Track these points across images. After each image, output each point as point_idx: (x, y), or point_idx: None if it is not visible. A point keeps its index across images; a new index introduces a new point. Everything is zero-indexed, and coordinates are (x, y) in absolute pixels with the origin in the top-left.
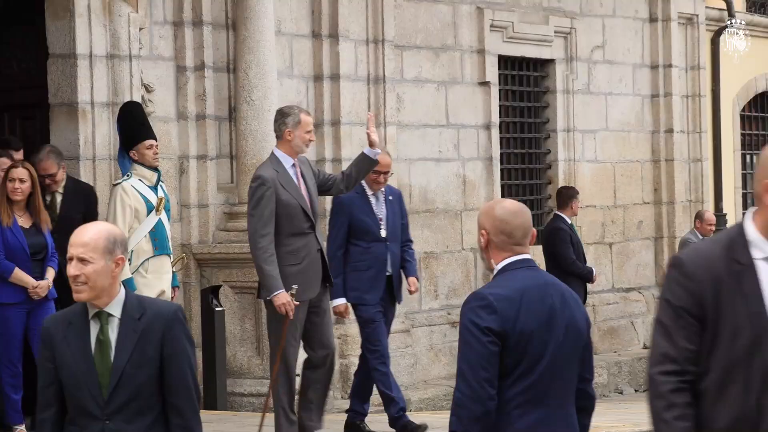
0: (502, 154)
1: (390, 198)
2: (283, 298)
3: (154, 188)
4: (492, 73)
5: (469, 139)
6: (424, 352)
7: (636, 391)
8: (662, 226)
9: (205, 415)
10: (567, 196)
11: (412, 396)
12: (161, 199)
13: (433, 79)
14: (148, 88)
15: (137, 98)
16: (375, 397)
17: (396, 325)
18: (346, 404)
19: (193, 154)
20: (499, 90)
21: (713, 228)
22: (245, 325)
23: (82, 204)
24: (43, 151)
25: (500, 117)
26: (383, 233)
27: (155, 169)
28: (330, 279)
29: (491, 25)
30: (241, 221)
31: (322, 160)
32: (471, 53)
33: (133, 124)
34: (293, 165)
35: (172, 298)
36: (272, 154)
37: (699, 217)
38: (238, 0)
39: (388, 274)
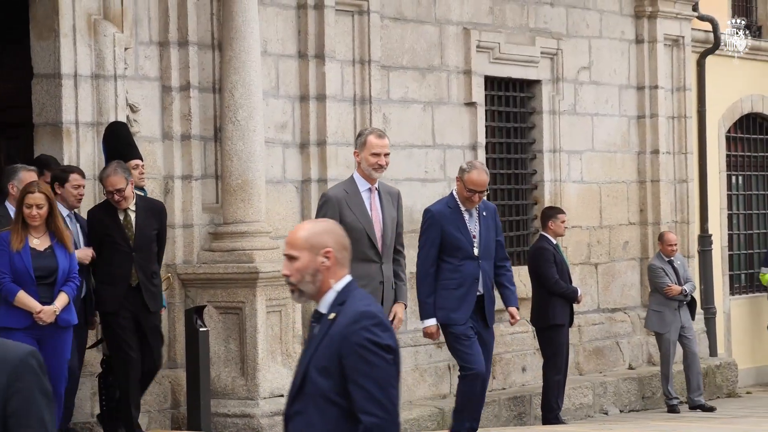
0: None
1: (484, 213)
2: None
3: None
4: (478, 94)
5: (455, 160)
6: (410, 373)
7: (621, 411)
8: (648, 246)
9: None
10: (547, 216)
11: None
12: None
13: (420, 99)
14: (133, 108)
15: (122, 118)
16: None
17: None
18: None
19: (178, 174)
20: (486, 110)
21: (674, 248)
22: (230, 346)
23: (156, 221)
24: (110, 167)
25: (486, 137)
26: (476, 251)
27: (141, 188)
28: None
29: (478, 46)
30: (225, 241)
31: (308, 180)
32: (457, 74)
33: (118, 145)
34: (369, 189)
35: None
36: (351, 175)
37: (660, 238)
38: (224, 20)
39: (479, 293)
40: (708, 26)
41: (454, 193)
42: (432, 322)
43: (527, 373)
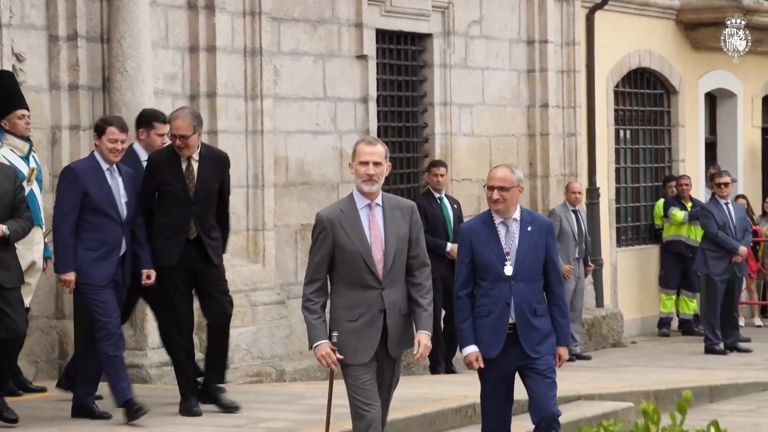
0: (379, 128)
1: (529, 228)
2: (321, 350)
3: (26, 158)
4: (370, 47)
5: (346, 112)
6: (299, 324)
7: None
8: (537, 199)
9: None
10: (427, 169)
11: (287, 367)
12: (33, 170)
13: (311, 52)
14: (19, 58)
15: (8, 67)
16: None
17: (271, 296)
18: None
19: (65, 124)
20: (377, 63)
21: (578, 196)
22: None
23: (219, 172)
24: (179, 110)
25: (378, 90)
26: (508, 270)
27: (27, 139)
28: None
29: None
30: None
31: (212, 132)
32: (349, 26)
33: (4, 94)
34: (368, 206)
35: (44, 269)
36: (350, 192)
37: (567, 188)
38: None
39: (511, 321)
40: None
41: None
42: (471, 349)
43: None
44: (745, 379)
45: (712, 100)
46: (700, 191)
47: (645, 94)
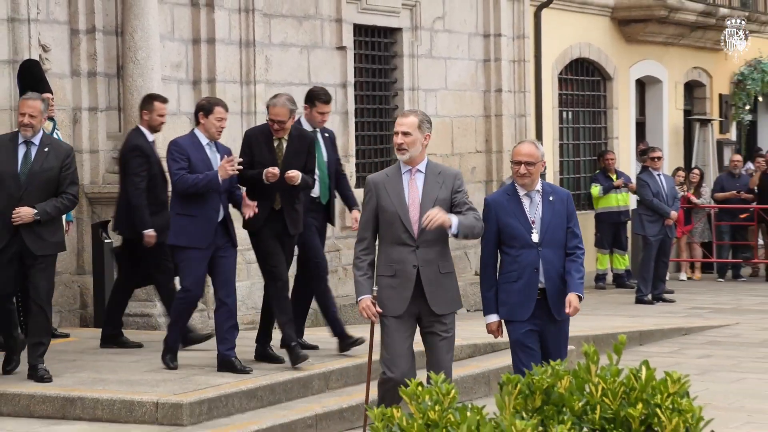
0: (356, 109)
1: (551, 198)
2: (363, 303)
3: (51, 135)
4: (348, 39)
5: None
6: None
7: (468, 311)
8: (492, 171)
9: (97, 331)
10: None
11: None
12: None
13: (297, 43)
14: (45, 48)
15: (35, 57)
16: None
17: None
18: None
19: (85, 106)
20: (355, 54)
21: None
22: None
23: (304, 153)
24: (278, 98)
25: (355, 77)
26: (535, 237)
27: (51, 118)
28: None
29: None
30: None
31: None
32: (330, 22)
33: (31, 80)
34: (409, 171)
35: (67, 231)
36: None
37: None
38: None
39: (540, 286)
40: None
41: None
42: (492, 318)
43: None
44: (670, 325)
45: (641, 86)
46: (631, 164)
47: (584, 81)
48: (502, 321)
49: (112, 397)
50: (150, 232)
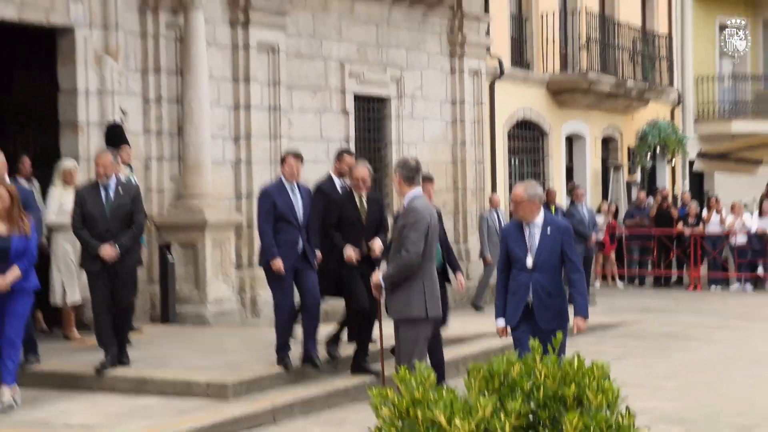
0: (355, 157)
1: (548, 229)
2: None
3: (128, 179)
4: (350, 105)
5: (335, 149)
6: None
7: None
8: (459, 205)
9: (163, 327)
10: None
11: None
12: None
13: (312, 108)
14: (124, 113)
15: (117, 120)
16: None
17: None
18: None
19: (154, 156)
20: (355, 116)
21: (496, 202)
22: (188, 269)
23: (378, 209)
24: (362, 162)
25: (355, 133)
26: (529, 262)
27: (129, 165)
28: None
29: (349, 74)
30: (185, 200)
31: (239, 161)
32: (336, 92)
33: (114, 137)
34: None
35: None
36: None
37: (491, 198)
38: (184, 56)
39: (528, 301)
40: (497, 63)
41: None
42: (498, 323)
43: None
44: (593, 321)
45: (570, 140)
46: (563, 198)
47: (527, 136)
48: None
49: (175, 377)
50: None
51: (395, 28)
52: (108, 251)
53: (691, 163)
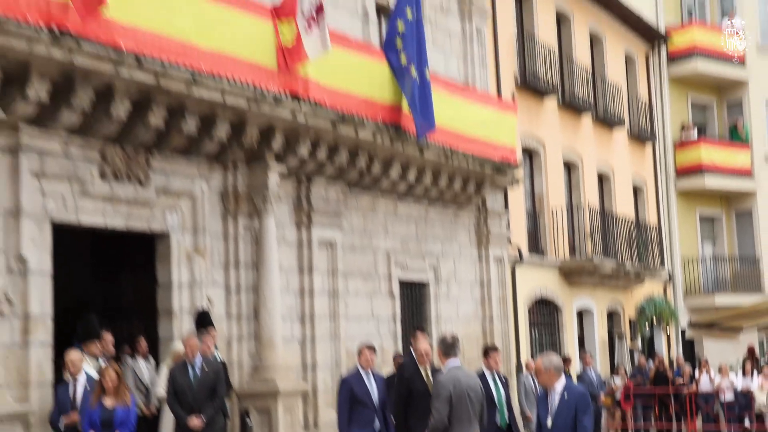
0: (402, 335)
1: (566, 395)
2: None
3: (214, 356)
4: (396, 289)
5: (384, 325)
6: None
7: None
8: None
9: None
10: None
11: None
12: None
13: (364, 292)
14: (210, 301)
15: (205, 306)
16: None
17: None
18: None
19: (235, 336)
20: (400, 298)
21: (532, 369)
22: (263, 431)
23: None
24: (424, 341)
25: (401, 313)
26: (548, 422)
27: (215, 346)
28: None
29: (394, 263)
30: (261, 372)
31: (304, 338)
32: (384, 278)
33: (203, 322)
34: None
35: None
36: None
37: (526, 364)
38: (259, 252)
39: None
40: (516, 251)
41: None
42: None
43: None
44: None
45: (580, 314)
46: (576, 363)
47: (544, 311)
48: None
49: None
50: None
51: (431, 224)
52: (194, 422)
53: (683, 332)
